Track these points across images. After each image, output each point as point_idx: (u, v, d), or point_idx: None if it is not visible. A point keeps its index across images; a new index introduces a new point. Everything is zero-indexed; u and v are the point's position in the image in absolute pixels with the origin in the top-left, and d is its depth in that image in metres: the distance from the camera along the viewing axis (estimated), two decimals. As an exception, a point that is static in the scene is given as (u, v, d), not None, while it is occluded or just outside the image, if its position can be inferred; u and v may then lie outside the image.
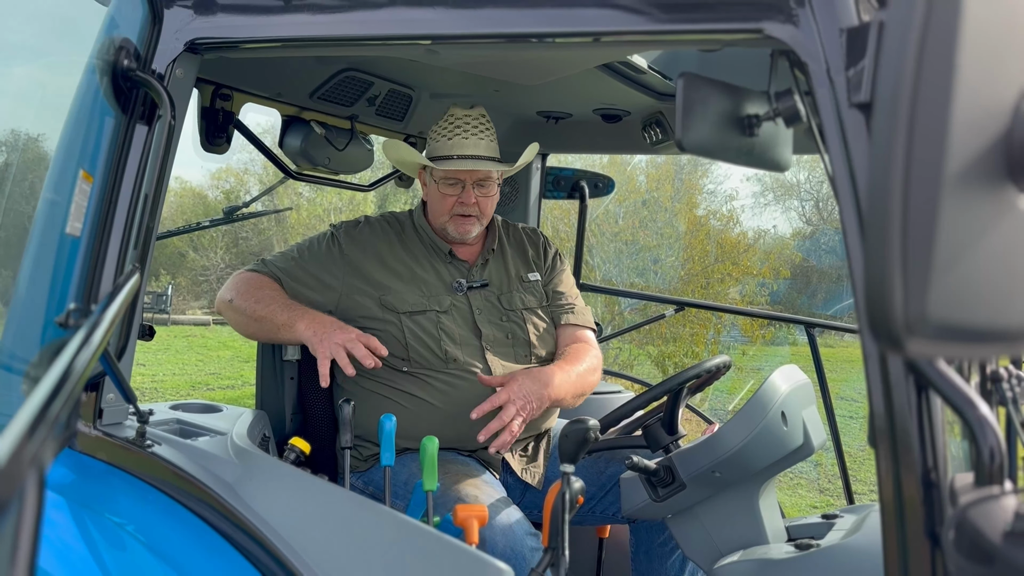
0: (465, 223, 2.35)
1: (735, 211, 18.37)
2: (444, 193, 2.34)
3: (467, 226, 2.35)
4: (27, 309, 1.60)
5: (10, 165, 1.73)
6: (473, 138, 2.31)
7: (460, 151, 2.30)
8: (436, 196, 2.36)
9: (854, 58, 1.16)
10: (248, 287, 2.27)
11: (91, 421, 1.66)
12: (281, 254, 2.41)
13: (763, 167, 1.34)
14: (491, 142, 2.35)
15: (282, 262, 2.35)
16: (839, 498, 7.36)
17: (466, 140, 2.31)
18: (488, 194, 2.35)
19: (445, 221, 2.36)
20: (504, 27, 1.45)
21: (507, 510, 1.98)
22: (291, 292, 2.29)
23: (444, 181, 2.33)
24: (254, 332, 2.26)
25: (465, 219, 2.35)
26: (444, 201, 2.34)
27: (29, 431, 0.69)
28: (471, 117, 2.34)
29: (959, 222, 0.68)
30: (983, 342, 0.70)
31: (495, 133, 2.38)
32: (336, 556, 1.45)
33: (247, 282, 2.29)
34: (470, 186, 2.32)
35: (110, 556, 1.49)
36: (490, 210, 2.39)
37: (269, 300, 2.21)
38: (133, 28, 1.64)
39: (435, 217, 2.40)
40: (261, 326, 2.22)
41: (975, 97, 0.70)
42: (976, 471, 0.97)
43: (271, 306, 2.19)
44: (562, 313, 2.47)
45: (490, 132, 2.36)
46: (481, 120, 2.35)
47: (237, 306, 2.25)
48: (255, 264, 2.37)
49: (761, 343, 15.19)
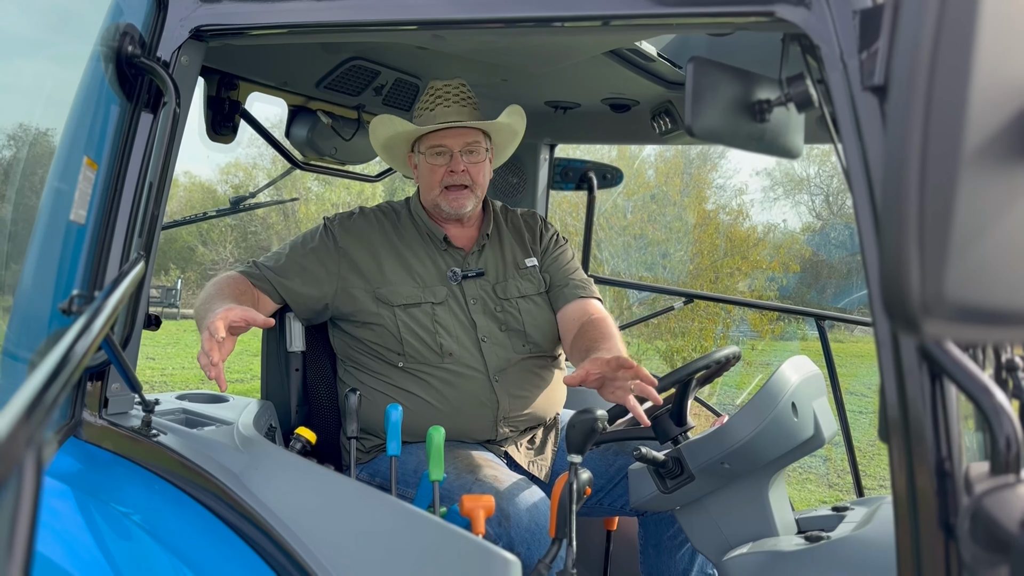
0: (458, 196, 2.29)
1: (745, 205, 18.32)
2: (432, 164, 2.30)
3: (460, 199, 2.30)
4: (33, 297, 1.60)
5: (19, 159, 1.73)
6: (455, 106, 2.28)
7: (443, 119, 2.27)
8: (426, 170, 2.32)
9: (867, 41, 1.14)
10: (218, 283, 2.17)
11: (97, 410, 1.66)
12: (273, 253, 2.35)
13: (774, 153, 1.33)
14: (474, 109, 2.31)
15: (273, 262, 2.29)
16: (849, 493, 7.33)
17: (448, 108, 2.28)
18: (477, 160, 2.30)
19: (437, 195, 2.31)
20: (511, 11, 1.44)
21: (529, 488, 1.97)
22: (283, 291, 2.25)
23: (431, 151, 2.29)
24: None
25: (458, 191, 2.29)
26: (434, 173, 2.30)
27: (26, 413, 0.69)
28: (451, 87, 2.31)
29: (977, 201, 0.67)
30: (1001, 324, 0.69)
31: (477, 102, 2.34)
32: (341, 545, 1.45)
33: (223, 281, 2.20)
34: (458, 154, 2.27)
35: (115, 545, 1.49)
36: (482, 179, 2.33)
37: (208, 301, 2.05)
38: (138, 15, 1.63)
39: (427, 193, 2.35)
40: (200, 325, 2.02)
41: (994, 73, 0.68)
42: (992, 460, 0.95)
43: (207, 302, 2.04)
44: (565, 290, 2.40)
45: (472, 100, 2.32)
46: (461, 89, 2.31)
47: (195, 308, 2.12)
48: (246, 265, 2.30)
49: (770, 338, 15.14)
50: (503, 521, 1.85)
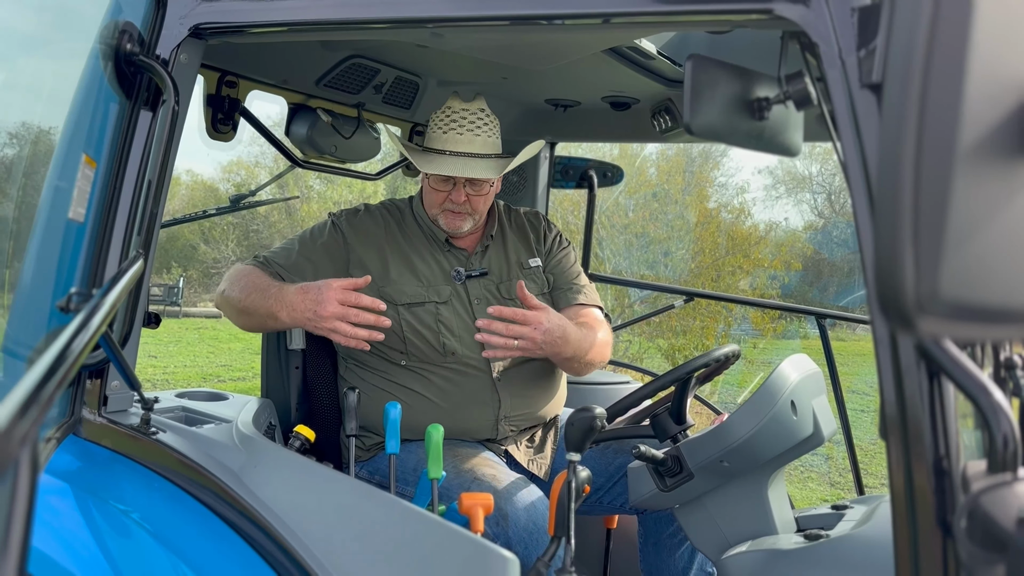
0: (456, 219, 2.30)
1: (746, 204, 18.30)
2: (434, 188, 2.29)
3: (457, 222, 2.30)
4: (32, 294, 1.60)
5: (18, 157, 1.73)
6: (468, 134, 2.23)
7: (453, 147, 2.23)
8: (428, 189, 2.32)
9: (866, 38, 1.14)
10: (237, 275, 2.21)
11: (96, 408, 1.66)
12: (280, 249, 2.35)
13: (773, 151, 1.33)
14: (488, 138, 2.26)
15: (282, 257, 2.29)
16: (850, 492, 7.32)
17: (460, 136, 2.23)
18: (481, 192, 2.28)
19: (436, 214, 2.32)
20: (511, 9, 1.44)
21: (528, 488, 1.98)
22: None
23: (435, 176, 2.28)
24: (246, 324, 2.20)
25: (455, 215, 2.29)
26: (435, 196, 2.30)
27: (22, 410, 0.69)
28: (469, 111, 2.26)
29: (972, 197, 0.66)
30: (997, 322, 0.68)
31: (496, 127, 2.31)
32: (340, 543, 1.45)
33: (242, 274, 2.22)
34: (461, 184, 2.25)
35: (114, 542, 1.49)
36: (483, 207, 2.32)
37: (251, 288, 2.14)
38: (137, 12, 1.63)
39: (427, 208, 2.36)
40: (251, 319, 2.16)
41: (989, 69, 0.68)
42: (989, 458, 0.95)
43: (251, 295, 2.12)
44: (568, 294, 2.42)
45: (488, 127, 2.27)
46: (479, 115, 2.27)
47: (228, 296, 2.19)
48: (251, 260, 2.32)
49: (772, 336, 15.12)
50: (501, 521, 1.85)
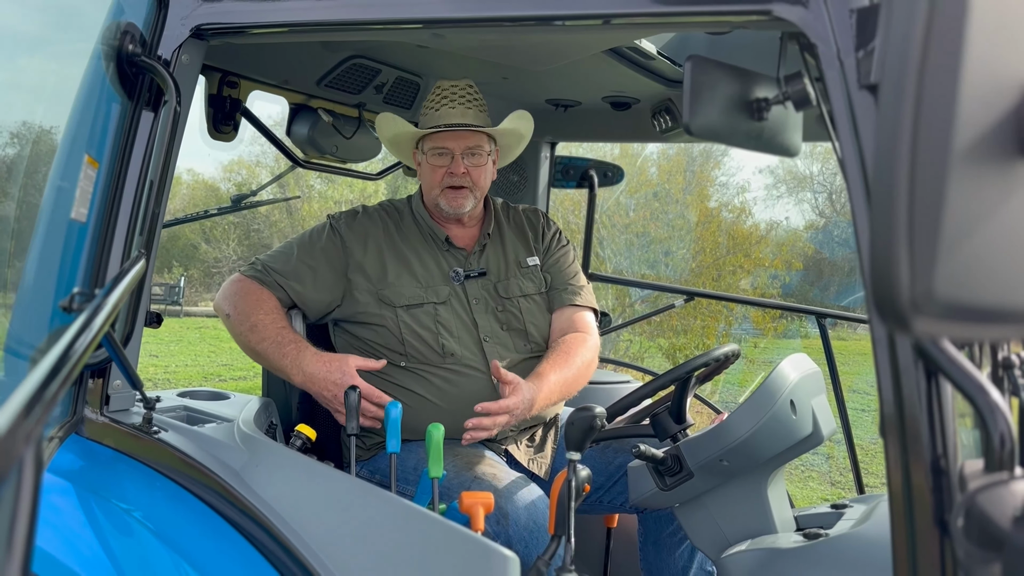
0: (457, 196, 2.31)
1: (747, 203, 18.30)
2: (433, 165, 2.31)
3: (459, 199, 2.31)
4: (35, 295, 1.61)
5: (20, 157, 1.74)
6: (460, 107, 2.28)
7: (447, 120, 2.28)
8: (427, 170, 2.34)
9: (864, 39, 1.15)
10: (244, 303, 2.20)
11: (98, 407, 1.66)
12: (278, 253, 2.33)
13: (772, 152, 1.33)
14: (479, 112, 2.31)
15: (281, 264, 2.27)
16: (850, 491, 7.33)
17: (452, 110, 2.28)
18: (478, 164, 2.31)
19: (437, 195, 2.32)
20: (512, 10, 1.44)
21: (528, 487, 1.98)
22: (294, 294, 2.24)
23: (433, 152, 2.31)
24: (252, 359, 2.21)
25: (456, 191, 2.30)
26: (434, 173, 2.31)
27: (26, 410, 0.69)
28: (458, 88, 2.31)
29: (967, 198, 0.67)
30: (992, 322, 0.69)
31: (485, 104, 2.35)
32: (341, 542, 1.45)
33: (243, 296, 2.21)
34: (459, 156, 2.28)
35: (116, 541, 1.50)
36: (483, 182, 2.34)
37: (263, 334, 2.14)
38: (139, 13, 1.64)
39: (428, 192, 2.37)
40: (260, 360, 2.19)
41: (984, 70, 0.69)
42: (986, 457, 0.96)
43: (264, 343, 2.13)
44: (561, 294, 2.42)
45: (478, 102, 2.32)
46: (468, 90, 2.32)
47: (234, 326, 2.19)
48: (249, 268, 2.29)
49: (773, 336, 15.13)
50: (501, 520, 1.86)
